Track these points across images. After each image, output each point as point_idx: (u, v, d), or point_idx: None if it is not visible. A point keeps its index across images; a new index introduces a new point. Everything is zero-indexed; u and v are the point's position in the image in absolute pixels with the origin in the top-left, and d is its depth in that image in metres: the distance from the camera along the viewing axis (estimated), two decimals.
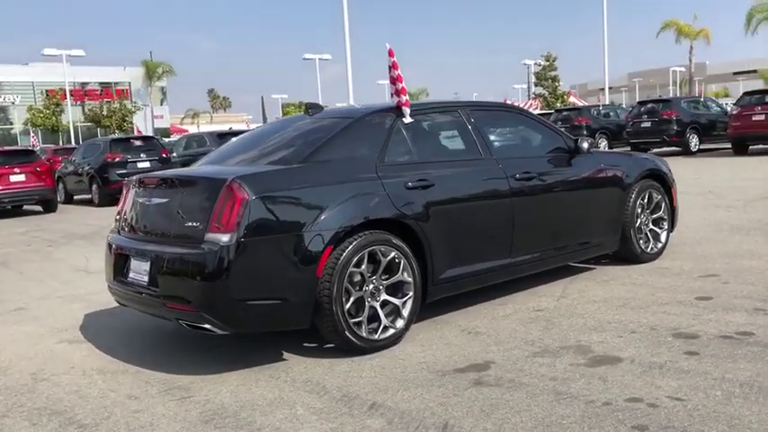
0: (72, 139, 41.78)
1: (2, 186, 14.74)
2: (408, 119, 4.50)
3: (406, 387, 3.42)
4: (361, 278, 3.96)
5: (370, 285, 4.00)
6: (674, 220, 6.06)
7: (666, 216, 5.95)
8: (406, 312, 4.11)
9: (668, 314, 4.30)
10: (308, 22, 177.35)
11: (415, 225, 4.17)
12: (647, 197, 5.74)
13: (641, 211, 5.70)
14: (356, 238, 3.90)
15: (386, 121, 4.47)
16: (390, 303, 4.07)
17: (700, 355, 3.56)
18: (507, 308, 4.72)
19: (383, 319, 4.02)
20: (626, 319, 4.26)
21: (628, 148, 19.31)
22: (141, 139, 18.97)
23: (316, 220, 3.81)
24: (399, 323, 4.08)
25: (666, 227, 5.97)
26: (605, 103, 32.60)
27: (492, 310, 4.68)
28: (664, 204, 5.89)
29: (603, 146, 21.52)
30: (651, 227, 5.84)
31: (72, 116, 43.99)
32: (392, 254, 4.04)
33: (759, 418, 2.80)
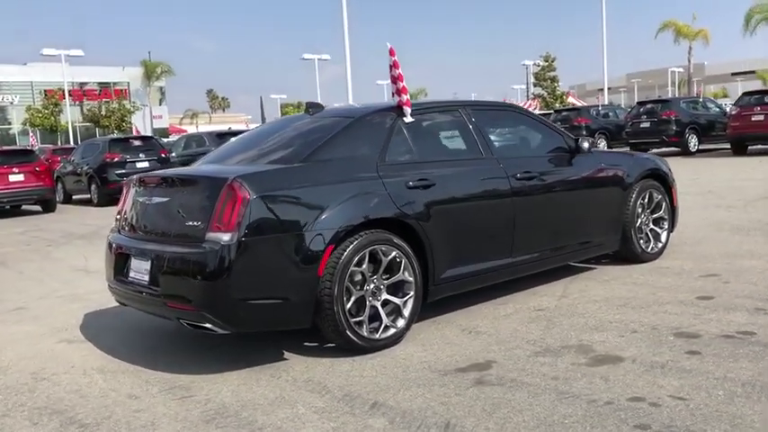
0: (70, 140, 41.74)
1: (1, 186, 14.72)
2: (409, 118, 4.49)
3: (407, 386, 3.42)
4: (362, 277, 3.95)
5: (371, 285, 4.00)
6: (674, 219, 6.06)
7: (667, 216, 5.95)
8: (406, 312, 4.10)
9: (669, 314, 4.30)
10: (306, 23, 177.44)
11: (416, 224, 4.16)
12: (647, 197, 5.74)
13: (642, 211, 5.70)
14: (357, 238, 3.89)
15: (387, 120, 4.46)
16: (391, 303, 4.07)
17: (701, 354, 3.55)
18: (508, 307, 4.71)
19: (384, 319, 4.01)
20: (627, 319, 4.25)
21: (627, 149, 19.31)
22: (140, 139, 18.96)
23: (317, 220, 3.80)
24: (400, 323, 4.07)
25: (667, 227, 5.97)
26: (604, 103, 32.61)
27: (493, 310, 4.67)
28: (664, 204, 5.89)
29: (602, 146, 21.51)
30: (652, 226, 5.84)
31: (70, 116, 43.94)
32: (393, 253, 4.04)
33: (762, 417, 2.80)
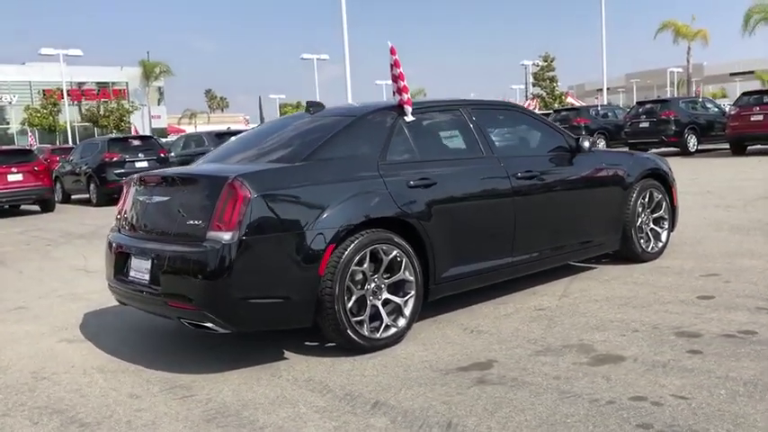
0: (69, 139, 41.71)
1: None
2: (410, 117, 4.48)
3: (408, 386, 3.41)
4: (362, 277, 3.95)
5: (372, 284, 3.99)
6: (674, 219, 6.06)
7: (667, 215, 5.94)
8: (407, 311, 4.10)
9: (670, 313, 4.30)
10: (305, 23, 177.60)
11: (417, 224, 4.16)
12: (647, 196, 5.74)
13: (642, 211, 5.70)
14: (358, 237, 3.88)
15: (387, 119, 4.45)
16: (392, 302, 4.06)
17: (703, 353, 3.55)
18: (509, 307, 4.71)
19: (385, 318, 4.01)
20: (628, 318, 4.25)
21: (626, 149, 19.31)
22: (139, 139, 18.93)
23: (317, 219, 3.79)
24: (401, 322, 4.07)
25: (667, 226, 5.97)
26: (604, 103, 32.62)
27: (494, 310, 4.67)
28: (664, 204, 5.89)
29: (602, 146, 21.51)
30: (652, 226, 5.84)
31: (69, 116, 43.90)
32: (394, 252, 4.03)
33: (764, 416, 2.79)
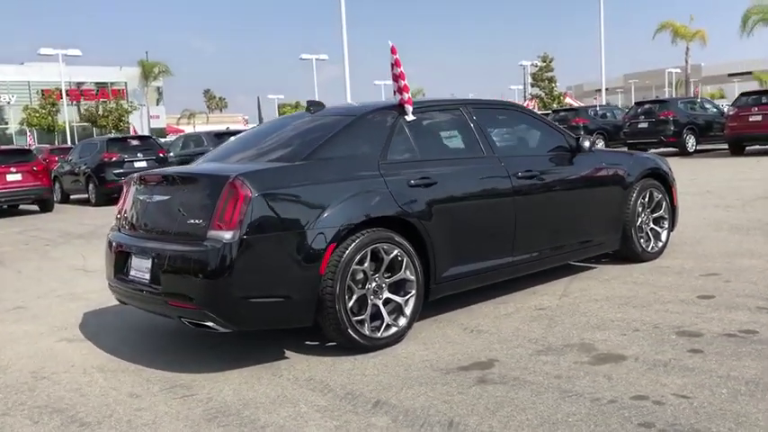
0: (68, 139, 41.66)
1: None
2: (411, 116, 4.48)
3: (409, 385, 3.41)
4: (363, 276, 3.94)
5: (373, 283, 3.99)
6: (674, 219, 6.06)
7: (667, 215, 5.95)
8: (408, 310, 4.09)
9: (671, 312, 4.30)
10: (304, 23, 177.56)
11: (418, 223, 4.15)
12: (647, 196, 5.74)
13: (642, 210, 5.70)
14: (359, 236, 3.88)
15: (388, 118, 4.45)
16: (393, 301, 4.06)
17: (704, 352, 3.55)
18: (509, 306, 4.71)
19: (386, 317, 4.00)
20: (629, 318, 4.25)
21: (625, 149, 19.32)
22: (138, 139, 18.91)
23: (318, 218, 3.79)
24: (402, 321, 4.06)
25: (667, 226, 5.97)
26: (602, 103, 32.64)
27: (494, 309, 4.66)
28: (664, 203, 5.89)
29: (600, 146, 21.54)
30: (652, 226, 5.84)
31: (68, 116, 43.84)
32: (395, 252, 4.03)
33: (766, 415, 2.79)
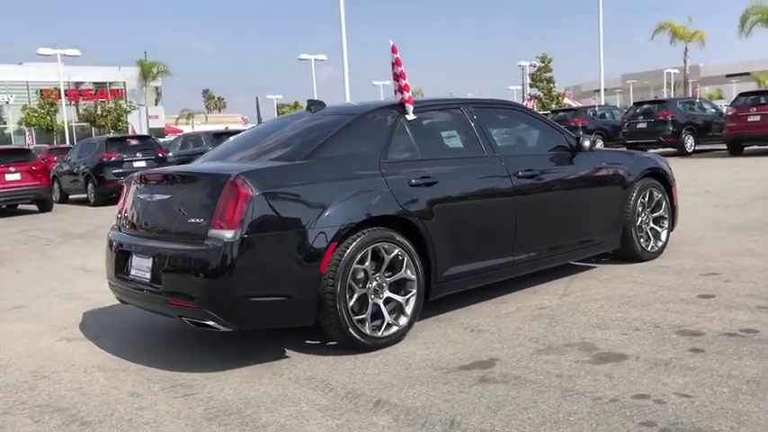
0: (66, 139, 41.62)
1: None
2: (411, 116, 4.48)
3: (410, 384, 3.41)
4: (364, 275, 3.94)
5: (374, 282, 3.98)
6: (674, 218, 6.06)
7: (667, 215, 5.95)
8: (409, 310, 4.09)
9: (671, 312, 4.30)
10: (303, 23, 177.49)
11: (419, 222, 4.15)
12: (647, 196, 5.74)
13: (642, 210, 5.70)
14: (360, 235, 3.88)
15: (389, 117, 4.45)
16: (394, 301, 4.06)
17: (705, 352, 3.55)
18: (510, 306, 4.71)
19: (386, 317, 4.00)
20: (629, 317, 4.25)
21: (624, 149, 19.34)
22: (137, 139, 18.94)
23: (319, 217, 3.78)
24: (402, 320, 4.06)
25: (667, 225, 5.97)
26: (601, 104, 32.66)
27: (494, 309, 4.66)
28: (664, 203, 5.89)
29: (600, 146, 21.55)
30: (652, 225, 5.84)
31: (66, 116, 43.79)
32: (395, 251, 4.02)
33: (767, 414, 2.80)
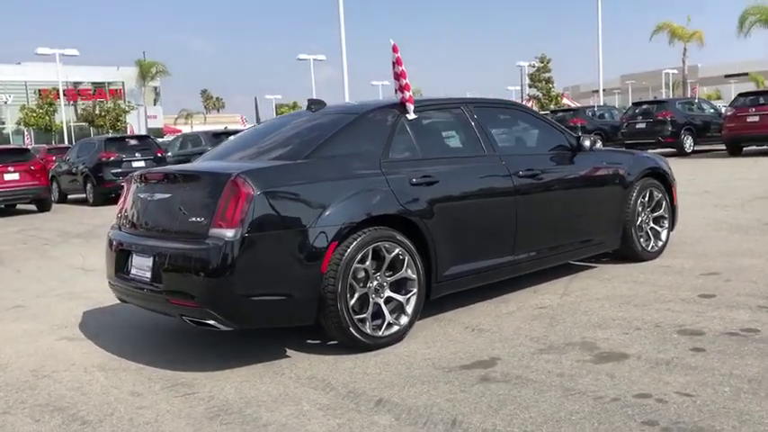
0: (65, 139, 41.60)
1: None
2: (412, 115, 4.47)
3: (412, 383, 3.40)
4: (365, 275, 3.94)
5: (375, 282, 3.98)
6: (674, 218, 6.06)
7: (667, 214, 5.95)
8: (409, 309, 4.09)
9: (672, 311, 4.30)
10: (302, 23, 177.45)
11: (419, 221, 4.15)
12: (647, 195, 5.75)
13: (642, 210, 5.70)
14: (360, 235, 3.87)
15: (389, 117, 4.44)
16: (394, 300, 4.05)
17: (706, 351, 3.55)
18: (510, 305, 4.70)
19: (387, 316, 4.00)
20: (630, 317, 4.25)
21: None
22: (136, 139, 18.91)
23: (320, 216, 3.78)
24: (403, 320, 4.06)
25: (667, 225, 5.97)
26: (600, 104, 32.67)
27: (495, 308, 4.66)
28: (664, 203, 5.89)
29: (599, 146, 21.53)
30: (652, 225, 5.84)
31: (65, 116, 43.74)
32: (396, 250, 4.02)
33: None
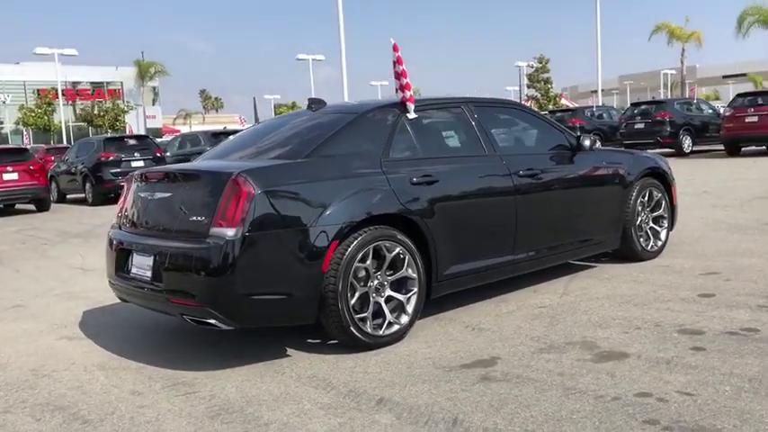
0: (63, 139, 41.56)
1: None
2: (413, 114, 4.48)
3: (412, 382, 3.40)
4: (365, 274, 3.94)
5: (375, 281, 3.98)
6: (674, 218, 6.07)
7: (666, 214, 5.96)
8: (410, 308, 4.09)
9: (672, 311, 4.30)
10: (301, 23, 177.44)
11: (420, 221, 4.15)
12: (647, 195, 5.75)
13: (642, 209, 5.71)
14: (361, 234, 3.87)
15: (390, 116, 4.45)
16: (395, 299, 4.06)
17: (706, 350, 3.55)
18: (510, 305, 4.71)
19: (388, 315, 4.00)
20: (630, 316, 4.25)
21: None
22: (135, 139, 18.87)
23: (321, 216, 3.78)
24: (404, 319, 4.06)
25: (666, 225, 5.98)
26: (599, 104, 32.69)
27: (495, 307, 4.66)
28: (664, 203, 5.90)
29: (599, 146, 21.56)
30: (651, 225, 5.85)
31: (64, 116, 43.70)
32: (397, 249, 4.02)
33: None
